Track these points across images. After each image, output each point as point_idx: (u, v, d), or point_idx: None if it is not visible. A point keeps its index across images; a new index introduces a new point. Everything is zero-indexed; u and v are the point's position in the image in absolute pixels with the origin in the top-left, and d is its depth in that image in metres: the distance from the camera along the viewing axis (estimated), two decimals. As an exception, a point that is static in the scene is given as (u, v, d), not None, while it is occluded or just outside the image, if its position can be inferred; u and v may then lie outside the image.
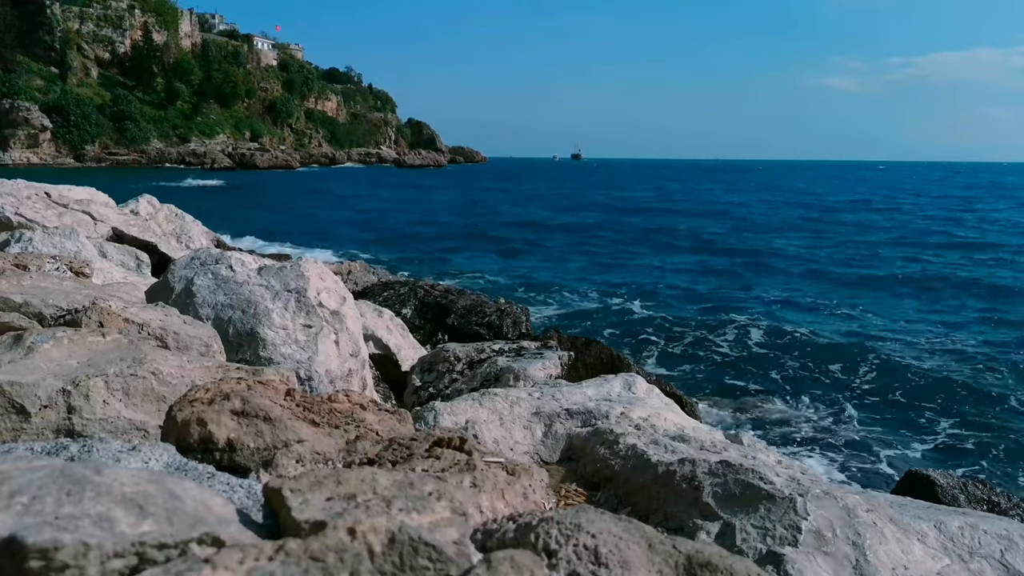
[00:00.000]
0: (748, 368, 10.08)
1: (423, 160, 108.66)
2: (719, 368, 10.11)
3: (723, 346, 11.21)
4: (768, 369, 10.04)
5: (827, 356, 10.62)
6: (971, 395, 9.13)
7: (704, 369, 10.03)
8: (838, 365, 10.21)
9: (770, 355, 10.71)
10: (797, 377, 9.67)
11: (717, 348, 11.10)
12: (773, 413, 8.40)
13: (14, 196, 5.64)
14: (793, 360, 10.42)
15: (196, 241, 7.90)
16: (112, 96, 77.15)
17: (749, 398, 8.83)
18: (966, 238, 26.93)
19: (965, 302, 15.31)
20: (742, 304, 14.71)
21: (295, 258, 4.14)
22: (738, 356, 10.69)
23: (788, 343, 11.32)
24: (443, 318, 7.02)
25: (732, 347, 11.13)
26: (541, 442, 2.65)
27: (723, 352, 10.90)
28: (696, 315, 13.39)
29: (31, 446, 1.42)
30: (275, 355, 3.00)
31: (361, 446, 1.51)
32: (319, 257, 8.83)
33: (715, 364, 10.30)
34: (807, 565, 1.79)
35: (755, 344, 11.32)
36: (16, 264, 3.13)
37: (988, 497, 4.14)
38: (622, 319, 13.21)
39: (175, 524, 0.90)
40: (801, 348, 11.03)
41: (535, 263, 20.08)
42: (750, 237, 26.72)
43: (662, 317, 13.13)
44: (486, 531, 1.12)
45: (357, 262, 11.40)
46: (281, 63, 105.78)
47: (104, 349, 1.92)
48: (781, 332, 11.95)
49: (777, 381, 9.50)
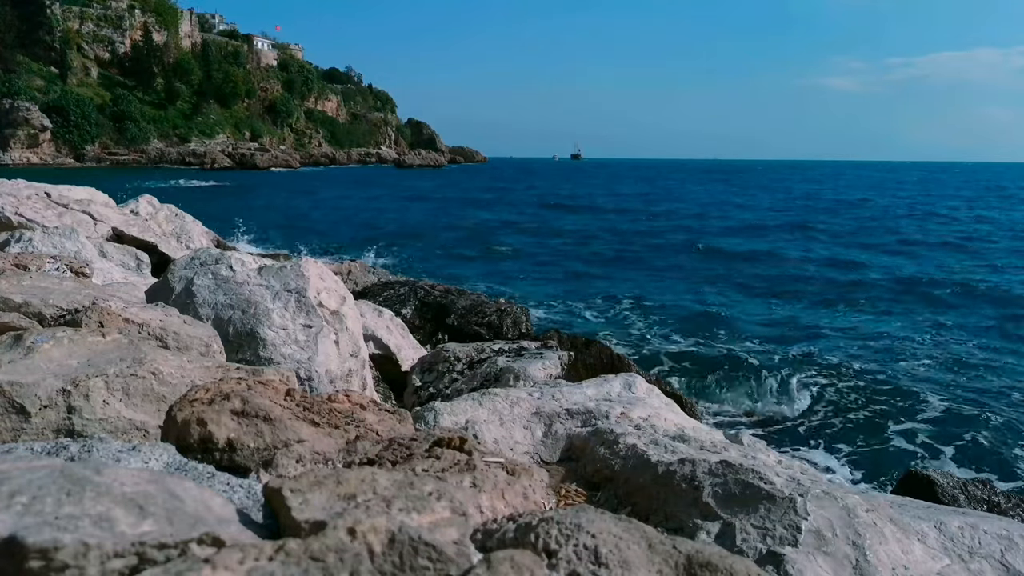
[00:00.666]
0: (748, 368, 10.07)
1: (423, 160, 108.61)
2: (719, 368, 10.10)
3: (723, 346, 11.21)
4: (768, 369, 10.03)
5: (827, 356, 10.62)
6: (971, 394, 9.13)
7: (704, 369, 10.03)
8: (838, 365, 10.21)
9: (770, 355, 10.71)
10: (797, 377, 9.66)
11: (717, 348, 11.11)
12: (773, 413, 8.40)
13: (14, 196, 5.65)
14: (793, 360, 10.42)
15: (196, 241, 7.91)
16: (112, 96, 77.17)
17: (749, 398, 8.83)
18: (964, 240, 26.92)
19: (968, 304, 15.32)
20: (742, 304, 14.71)
21: (295, 258, 4.14)
22: (738, 356, 10.68)
23: (788, 343, 11.32)
24: (443, 318, 7.02)
25: (732, 347, 11.13)
26: (541, 442, 2.65)
27: (723, 352, 10.89)
28: (696, 315, 13.39)
29: (31, 446, 1.42)
30: (275, 355, 3.00)
31: (361, 446, 1.51)
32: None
33: (715, 364, 10.30)
34: (807, 565, 1.79)
35: (755, 344, 11.32)
36: (16, 264, 3.13)
37: (988, 497, 4.15)
38: (622, 319, 13.21)
39: (175, 524, 0.90)
40: (801, 348, 11.03)
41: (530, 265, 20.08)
42: (750, 237, 26.72)
43: (662, 317, 13.14)
44: (486, 531, 1.12)
45: (357, 262, 11.40)
46: (281, 63, 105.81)
47: (104, 349, 1.92)
48: (781, 332, 11.95)
49: (777, 381, 9.50)
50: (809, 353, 10.76)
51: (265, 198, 41.77)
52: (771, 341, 11.47)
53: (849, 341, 11.64)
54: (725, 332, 12.05)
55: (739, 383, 9.39)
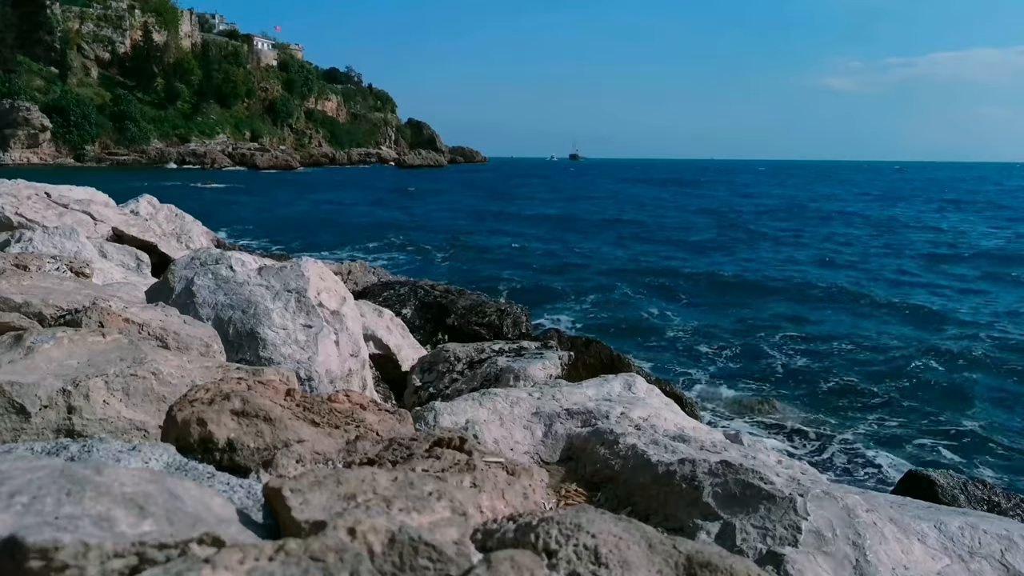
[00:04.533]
0: (749, 368, 10.08)
1: (423, 160, 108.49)
2: (719, 368, 10.11)
3: (724, 346, 11.21)
4: (769, 369, 10.04)
5: (827, 356, 10.62)
6: (972, 394, 9.13)
7: (704, 369, 10.03)
8: (839, 365, 10.21)
9: (771, 355, 10.71)
10: (798, 377, 9.67)
11: (718, 348, 11.11)
12: (773, 413, 8.40)
13: (14, 196, 5.64)
14: (794, 360, 10.42)
15: (196, 241, 7.91)
16: (112, 96, 77.14)
17: (749, 398, 8.82)
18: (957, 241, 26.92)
19: (971, 302, 15.33)
20: (742, 304, 14.71)
21: (295, 258, 4.14)
22: (739, 356, 10.69)
23: (789, 343, 11.32)
24: (443, 318, 7.01)
25: (732, 347, 11.13)
26: (541, 442, 2.65)
27: (724, 352, 10.90)
28: (696, 315, 13.40)
29: (31, 446, 1.42)
30: (275, 355, 3.00)
31: (361, 446, 1.51)
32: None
33: (715, 364, 10.30)
34: (807, 565, 1.79)
35: (756, 344, 11.32)
36: (16, 264, 3.13)
37: (988, 497, 4.15)
38: (621, 319, 13.21)
39: (175, 524, 0.90)
40: (802, 348, 11.03)
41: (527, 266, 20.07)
42: (748, 238, 26.73)
43: (662, 317, 13.14)
44: (486, 531, 1.12)
45: (357, 262, 11.39)
46: (281, 63, 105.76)
47: (104, 349, 1.92)
48: (782, 332, 11.95)
49: (778, 381, 9.50)
50: (810, 353, 10.77)
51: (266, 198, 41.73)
52: (772, 342, 11.46)
53: (852, 342, 11.63)
54: (725, 332, 12.04)
55: (740, 383, 9.39)
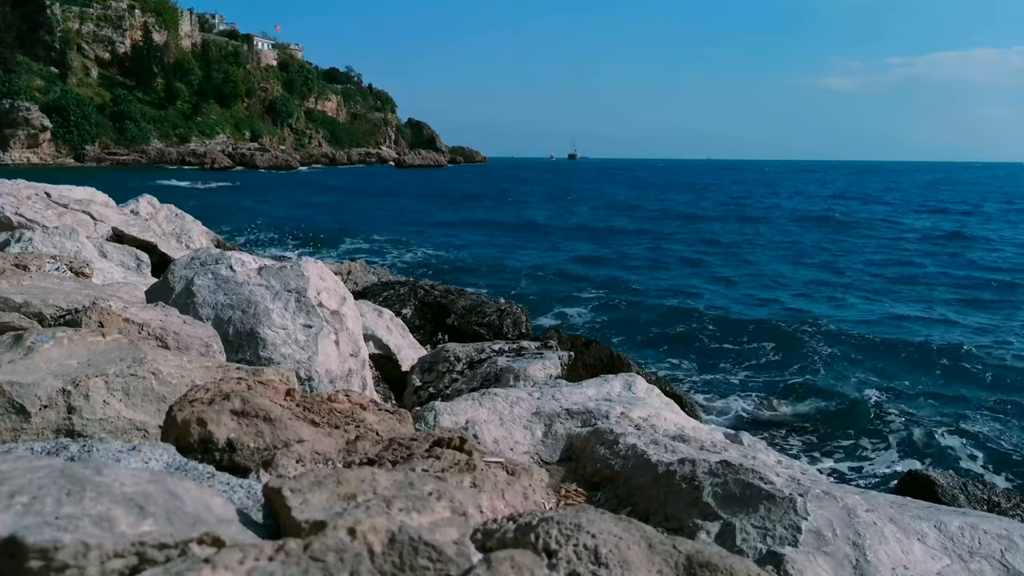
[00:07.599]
0: (749, 368, 10.08)
1: (423, 160, 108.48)
2: (719, 368, 10.10)
3: (723, 346, 11.21)
4: (769, 369, 10.04)
5: (828, 357, 10.61)
6: (972, 393, 9.13)
7: (704, 369, 10.03)
8: (839, 365, 10.21)
9: (771, 355, 10.71)
10: (798, 377, 9.66)
11: (717, 348, 11.10)
12: (773, 413, 8.40)
13: (14, 196, 5.65)
14: (794, 360, 10.42)
15: (196, 241, 7.91)
16: (112, 96, 77.10)
17: (749, 398, 8.82)
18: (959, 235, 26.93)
19: (974, 299, 15.33)
20: (743, 304, 14.71)
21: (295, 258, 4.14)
22: (738, 356, 10.68)
23: (789, 344, 11.31)
24: (443, 318, 7.02)
25: (732, 347, 11.13)
26: (541, 442, 2.65)
27: (723, 352, 10.90)
28: (696, 315, 13.39)
29: (31, 446, 1.42)
30: (275, 355, 3.00)
31: (361, 446, 1.51)
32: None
33: (715, 364, 10.29)
34: (807, 565, 1.79)
35: (756, 344, 11.31)
36: (16, 264, 3.13)
37: (988, 497, 4.15)
38: (621, 320, 13.21)
39: (175, 524, 0.90)
40: (802, 349, 11.02)
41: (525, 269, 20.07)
42: (749, 237, 26.73)
43: (662, 318, 13.13)
44: (486, 531, 1.12)
45: (357, 262, 11.39)
46: (281, 63, 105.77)
47: (104, 349, 1.92)
48: (782, 333, 11.94)
49: (778, 381, 9.50)
50: (810, 353, 10.76)
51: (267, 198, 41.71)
52: (772, 342, 11.46)
53: (853, 342, 11.63)
54: (726, 332, 12.03)
55: (740, 384, 9.39)
